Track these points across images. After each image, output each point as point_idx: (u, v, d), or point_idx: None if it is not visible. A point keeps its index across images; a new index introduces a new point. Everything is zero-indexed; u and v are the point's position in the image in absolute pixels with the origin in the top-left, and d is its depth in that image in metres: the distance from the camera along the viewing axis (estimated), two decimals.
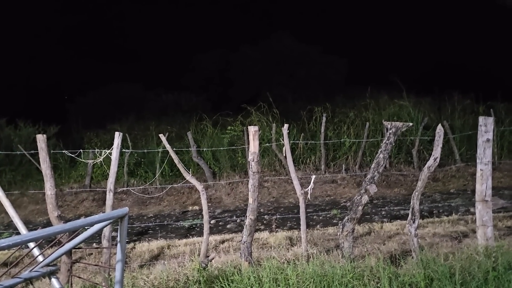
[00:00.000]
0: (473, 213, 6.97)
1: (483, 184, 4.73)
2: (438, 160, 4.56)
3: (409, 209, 4.65)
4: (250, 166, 4.71)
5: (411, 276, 3.85)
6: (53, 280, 2.43)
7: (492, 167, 4.83)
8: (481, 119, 4.83)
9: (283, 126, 5.57)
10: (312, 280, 3.87)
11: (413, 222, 4.51)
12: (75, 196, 11.09)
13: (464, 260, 4.12)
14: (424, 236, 5.60)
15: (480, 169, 4.74)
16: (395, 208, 8.77)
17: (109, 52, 21.68)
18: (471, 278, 3.78)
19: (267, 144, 11.56)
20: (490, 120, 4.81)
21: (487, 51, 20.50)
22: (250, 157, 4.74)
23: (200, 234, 7.30)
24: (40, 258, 2.48)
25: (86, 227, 2.36)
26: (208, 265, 4.51)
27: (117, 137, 4.92)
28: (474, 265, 3.96)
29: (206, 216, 4.78)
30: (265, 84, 18.19)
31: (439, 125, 4.72)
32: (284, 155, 5.94)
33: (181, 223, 8.56)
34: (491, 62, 20.01)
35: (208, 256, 4.62)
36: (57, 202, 4.43)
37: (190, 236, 7.42)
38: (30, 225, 8.91)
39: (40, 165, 4.50)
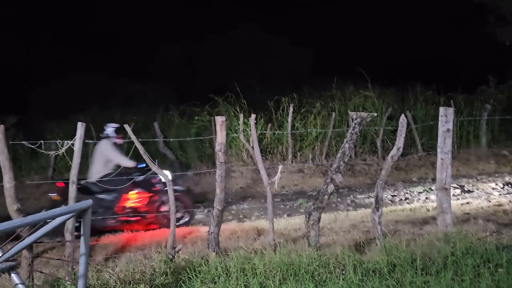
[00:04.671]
0: (434, 201, 7.24)
1: (443, 173, 4.90)
2: (401, 149, 4.68)
3: (373, 198, 4.77)
4: (217, 157, 4.70)
5: (375, 263, 3.97)
6: (13, 275, 2.36)
7: (451, 156, 5.01)
8: (442, 110, 4.99)
9: (250, 116, 5.57)
10: (279, 269, 3.92)
11: (377, 210, 4.63)
12: (37, 188, 10.72)
13: (424, 246, 4.27)
14: (388, 223, 5.76)
15: (441, 158, 4.91)
16: (360, 196, 8.96)
17: (73, 40, 20.96)
18: (431, 263, 3.93)
19: (235, 135, 11.53)
20: (451, 111, 4.97)
21: (448, 44, 21.15)
22: (217, 148, 4.72)
23: (167, 225, 7.22)
24: None
25: (48, 220, 2.30)
26: (175, 256, 4.48)
27: (80, 128, 4.84)
28: (434, 251, 4.11)
29: (173, 207, 4.74)
30: (232, 75, 18.05)
31: (402, 115, 4.84)
32: (251, 145, 5.94)
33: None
34: (451, 55, 20.67)
35: (175, 248, 4.59)
36: (17, 194, 4.29)
37: (157, 228, 7.34)
38: None
39: None
